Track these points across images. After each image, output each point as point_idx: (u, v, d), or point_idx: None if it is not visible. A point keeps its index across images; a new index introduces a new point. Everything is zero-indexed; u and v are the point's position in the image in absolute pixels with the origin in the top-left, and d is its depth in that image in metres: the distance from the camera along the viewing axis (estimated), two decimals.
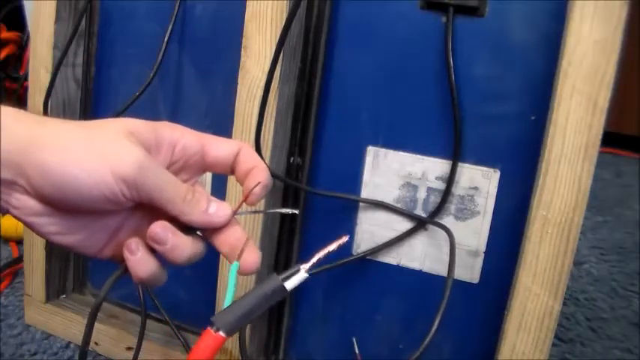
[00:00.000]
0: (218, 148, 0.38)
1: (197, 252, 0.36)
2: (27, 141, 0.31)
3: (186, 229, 0.35)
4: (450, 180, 0.55)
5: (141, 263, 0.34)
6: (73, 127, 0.33)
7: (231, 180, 0.59)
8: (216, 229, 0.36)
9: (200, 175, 0.39)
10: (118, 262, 0.37)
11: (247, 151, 0.38)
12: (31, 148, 0.31)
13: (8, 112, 0.32)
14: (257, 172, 0.37)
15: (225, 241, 0.36)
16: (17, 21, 1.32)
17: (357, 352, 0.61)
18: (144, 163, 0.32)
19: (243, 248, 0.35)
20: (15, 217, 0.33)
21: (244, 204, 0.37)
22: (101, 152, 0.32)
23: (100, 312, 0.73)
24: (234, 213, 0.36)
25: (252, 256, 0.36)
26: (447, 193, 0.56)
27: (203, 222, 0.35)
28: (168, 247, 0.34)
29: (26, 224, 0.33)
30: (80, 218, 0.34)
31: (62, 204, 0.32)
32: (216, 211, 0.35)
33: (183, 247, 0.34)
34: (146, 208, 0.35)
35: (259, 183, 0.36)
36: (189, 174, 0.38)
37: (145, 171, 0.32)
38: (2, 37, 1.32)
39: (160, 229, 0.34)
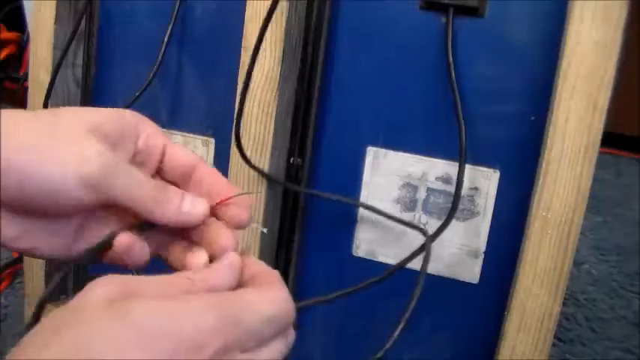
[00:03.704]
0: (180, 150, 0.35)
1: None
2: None
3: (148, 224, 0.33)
4: (459, 183, 0.54)
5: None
6: (31, 121, 0.30)
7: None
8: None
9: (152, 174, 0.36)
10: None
11: (207, 166, 0.36)
12: None
13: None
14: (226, 188, 0.34)
15: (199, 235, 0.33)
16: (17, 21, 1.32)
17: None
18: (109, 162, 0.30)
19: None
20: None
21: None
22: (63, 151, 0.29)
23: None
24: (214, 208, 0.33)
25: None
26: (457, 196, 0.54)
27: (177, 222, 0.32)
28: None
29: None
30: (40, 220, 0.31)
31: (20, 206, 0.30)
32: (191, 208, 0.32)
33: (142, 253, 0.33)
34: (111, 205, 0.33)
35: (243, 194, 0.34)
36: (147, 170, 0.35)
37: (110, 171, 0.30)
38: (2, 37, 1.32)
39: (126, 240, 0.32)
